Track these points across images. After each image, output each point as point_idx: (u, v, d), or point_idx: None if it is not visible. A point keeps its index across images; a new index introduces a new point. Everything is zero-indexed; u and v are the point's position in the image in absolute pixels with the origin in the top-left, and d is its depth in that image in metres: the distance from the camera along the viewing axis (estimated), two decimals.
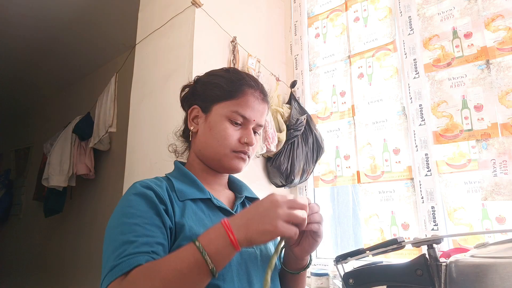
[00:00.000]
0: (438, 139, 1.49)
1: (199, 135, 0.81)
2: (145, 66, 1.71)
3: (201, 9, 1.52)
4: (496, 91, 1.38)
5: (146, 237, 0.60)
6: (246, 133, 0.78)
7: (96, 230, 2.70)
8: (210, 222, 0.73)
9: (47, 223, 3.24)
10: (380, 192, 1.62)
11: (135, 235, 0.60)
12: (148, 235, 0.61)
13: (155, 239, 0.61)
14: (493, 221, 1.32)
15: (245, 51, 1.71)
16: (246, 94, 0.78)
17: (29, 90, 3.89)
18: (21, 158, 4.12)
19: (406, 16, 1.66)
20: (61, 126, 2.96)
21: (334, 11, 1.99)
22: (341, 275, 0.77)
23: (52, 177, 2.59)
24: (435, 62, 1.55)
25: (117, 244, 0.59)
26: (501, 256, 0.56)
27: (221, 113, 0.78)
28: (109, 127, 2.27)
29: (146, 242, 0.59)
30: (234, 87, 0.79)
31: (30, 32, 2.80)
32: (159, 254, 0.60)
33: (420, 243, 0.69)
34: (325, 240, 1.82)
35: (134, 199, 0.67)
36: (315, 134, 1.79)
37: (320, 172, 1.85)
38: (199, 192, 0.76)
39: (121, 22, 2.60)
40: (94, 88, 2.99)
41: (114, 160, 2.71)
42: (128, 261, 0.56)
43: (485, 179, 1.34)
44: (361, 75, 1.79)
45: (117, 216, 0.65)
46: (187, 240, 0.66)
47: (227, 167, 0.79)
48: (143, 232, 0.61)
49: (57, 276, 3.01)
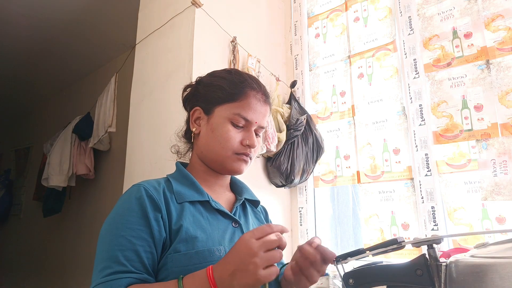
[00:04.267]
0: (438, 139, 1.49)
1: (201, 137, 0.81)
2: (145, 66, 1.70)
3: (201, 9, 1.52)
4: (496, 91, 1.38)
5: (130, 251, 0.63)
6: (248, 135, 0.78)
7: (95, 230, 2.69)
8: (207, 225, 0.73)
9: (47, 223, 3.24)
10: (380, 192, 1.62)
11: (120, 248, 0.63)
12: (132, 249, 0.64)
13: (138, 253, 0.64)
14: (493, 221, 1.32)
15: (245, 51, 1.71)
16: (248, 96, 0.78)
17: (29, 90, 3.89)
18: (21, 158, 4.12)
19: (406, 16, 1.66)
20: (61, 126, 2.96)
21: (334, 11, 1.99)
22: (341, 275, 0.77)
23: (52, 177, 2.59)
24: (435, 62, 1.55)
25: (104, 256, 0.64)
26: (501, 256, 0.56)
27: (224, 115, 0.78)
28: (108, 127, 2.27)
29: (129, 258, 0.63)
30: (237, 89, 0.79)
31: (30, 32, 2.80)
32: (138, 270, 0.63)
33: (420, 243, 0.69)
34: (325, 240, 1.82)
35: (127, 207, 0.68)
36: (315, 134, 1.79)
37: (320, 172, 1.85)
38: (197, 194, 0.76)
39: (121, 22, 2.60)
40: (94, 88, 2.99)
41: (114, 160, 2.71)
42: (111, 283, 0.60)
43: (485, 179, 1.34)
44: (361, 75, 1.79)
45: (109, 222, 0.68)
46: (183, 242, 0.67)
47: (229, 169, 0.79)
48: (128, 246, 0.64)
49: (57, 276, 3.01)
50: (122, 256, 0.63)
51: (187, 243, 0.67)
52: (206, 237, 0.70)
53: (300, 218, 1.85)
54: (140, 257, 0.64)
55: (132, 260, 0.63)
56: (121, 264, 0.62)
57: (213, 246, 0.69)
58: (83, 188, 2.90)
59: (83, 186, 2.88)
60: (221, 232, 0.73)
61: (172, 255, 0.66)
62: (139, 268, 0.63)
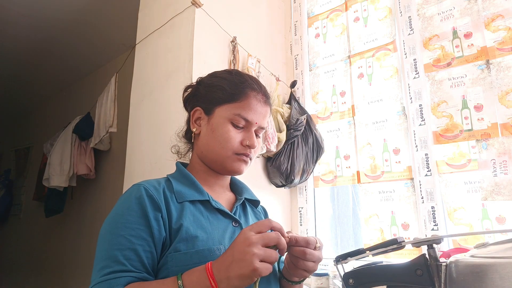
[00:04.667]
0: (438, 139, 1.49)
1: (202, 137, 0.81)
2: (145, 66, 1.70)
3: (201, 9, 1.52)
4: (496, 91, 1.38)
5: (129, 250, 0.63)
6: (248, 135, 0.78)
7: (96, 230, 2.68)
8: (208, 224, 0.73)
9: (47, 223, 3.24)
10: (380, 192, 1.62)
11: (120, 248, 0.63)
12: (131, 249, 0.64)
13: (137, 252, 0.64)
14: (493, 221, 1.32)
15: (245, 51, 1.71)
16: (248, 97, 0.79)
17: (29, 90, 3.89)
18: (21, 158, 4.12)
19: (406, 16, 1.66)
20: (61, 126, 2.96)
21: (334, 11, 1.99)
22: (341, 275, 0.77)
23: (53, 178, 2.59)
24: (435, 62, 1.55)
25: (104, 255, 0.64)
26: (501, 256, 0.56)
27: (224, 116, 0.78)
28: (109, 127, 2.27)
29: (128, 257, 0.63)
30: (237, 90, 0.79)
31: (30, 32, 2.80)
32: (137, 269, 0.63)
33: (420, 243, 0.69)
34: (325, 240, 1.82)
35: (127, 206, 0.68)
36: (315, 134, 1.79)
37: (320, 172, 1.85)
38: (197, 194, 0.76)
39: (121, 22, 2.60)
40: (94, 88, 2.99)
41: (114, 160, 2.71)
42: (110, 282, 0.60)
43: (485, 179, 1.34)
44: (361, 75, 1.79)
45: (109, 221, 0.68)
46: (183, 242, 0.67)
47: (229, 169, 0.79)
48: (127, 245, 0.64)
49: (57, 276, 3.01)
50: (121, 255, 0.63)
51: (187, 242, 0.67)
52: (206, 237, 0.70)
53: (300, 218, 1.85)
54: (139, 256, 0.64)
55: (131, 259, 0.63)
56: (120, 263, 0.62)
57: (213, 245, 0.69)
58: (84, 188, 2.90)
59: (83, 186, 2.88)
60: (221, 232, 0.74)
61: (172, 254, 0.66)
62: (138, 268, 0.63)
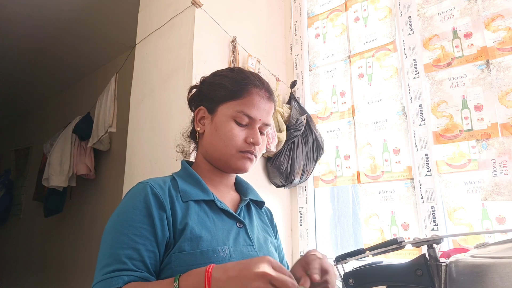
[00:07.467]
0: (438, 139, 1.49)
1: (206, 136, 0.81)
2: (145, 66, 1.70)
3: (201, 9, 1.52)
4: (496, 91, 1.38)
5: (132, 249, 0.64)
6: (252, 132, 0.78)
7: (96, 230, 2.69)
8: (212, 224, 0.73)
9: (47, 223, 3.24)
10: (380, 192, 1.62)
11: (122, 246, 0.64)
12: (134, 248, 0.64)
13: (139, 251, 0.64)
14: (493, 221, 1.32)
15: (245, 51, 1.71)
16: (251, 93, 0.78)
17: (29, 90, 3.89)
18: (21, 158, 4.12)
19: (406, 16, 1.66)
20: (61, 126, 2.96)
21: (334, 11, 1.99)
22: (341, 275, 0.77)
23: (52, 177, 2.59)
24: (435, 62, 1.55)
25: (106, 253, 0.64)
26: (501, 256, 0.56)
27: (227, 114, 0.77)
28: (109, 127, 2.26)
29: (130, 256, 0.63)
30: (239, 87, 0.78)
31: (30, 31, 2.80)
32: (139, 269, 0.63)
33: (420, 243, 0.69)
34: (325, 240, 1.82)
35: (132, 204, 0.68)
36: (315, 134, 1.79)
37: (320, 172, 1.85)
38: (202, 193, 0.76)
39: (121, 22, 2.60)
40: (94, 88, 2.99)
41: (114, 160, 2.71)
42: (111, 280, 0.61)
43: (485, 179, 1.34)
44: (361, 75, 1.79)
45: (114, 219, 0.69)
46: (187, 241, 0.67)
47: (233, 167, 0.79)
48: (130, 244, 0.64)
49: (57, 276, 3.01)
50: (123, 254, 0.63)
51: (191, 242, 0.67)
52: (211, 237, 0.70)
53: (300, 218, 1.85)
54: (141, 255, 0.64)
55: (133, 258, 0.63)
56: (122, 262, 0.62)
57: (217, 246, 0.69)
58: (84, 188, 2.90)
59: (83, 186, 2.88)
60: (226, 233, 0.73)
61: (176, 254, 0.66)
62: (140, 267, 0.63)
